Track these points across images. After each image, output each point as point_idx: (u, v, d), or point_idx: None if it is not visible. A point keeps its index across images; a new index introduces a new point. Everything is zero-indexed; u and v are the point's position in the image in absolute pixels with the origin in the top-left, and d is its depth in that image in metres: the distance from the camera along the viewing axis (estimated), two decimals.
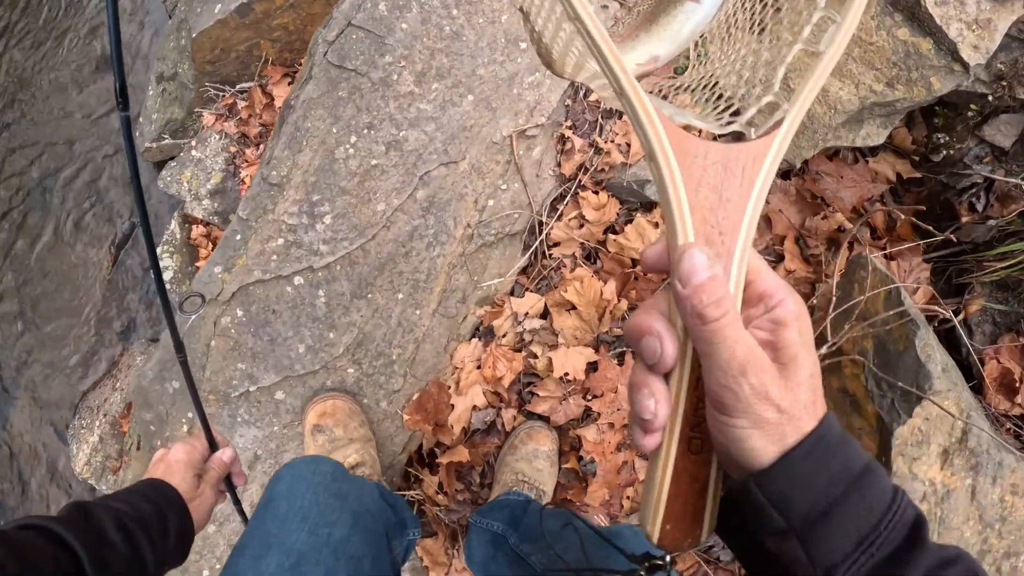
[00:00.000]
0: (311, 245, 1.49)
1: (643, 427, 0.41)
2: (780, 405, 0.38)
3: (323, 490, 0.95)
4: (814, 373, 0.40)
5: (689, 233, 0.41)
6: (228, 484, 0.91)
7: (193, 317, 1.47)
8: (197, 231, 2.12)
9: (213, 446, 0.91)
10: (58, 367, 2.08)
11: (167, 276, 2.05)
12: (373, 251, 1.50)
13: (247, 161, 2.04)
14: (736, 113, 0.49)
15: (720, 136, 0.47)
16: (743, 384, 0.37)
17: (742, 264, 0.41)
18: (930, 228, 1.50)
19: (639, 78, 0.53)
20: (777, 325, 0.39)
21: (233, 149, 2.09)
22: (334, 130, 1.47)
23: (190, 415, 1.52)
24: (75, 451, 1.93)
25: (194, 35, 1.90)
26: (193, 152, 2.04)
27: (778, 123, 0.44)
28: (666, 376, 0.42)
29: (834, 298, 1.42)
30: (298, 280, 1.49)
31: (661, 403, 0.41)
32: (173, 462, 0.82)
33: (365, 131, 1.48)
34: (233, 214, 1.70)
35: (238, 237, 1.47)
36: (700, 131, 0.51)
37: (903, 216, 1.55)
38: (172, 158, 2.06)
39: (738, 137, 0.45)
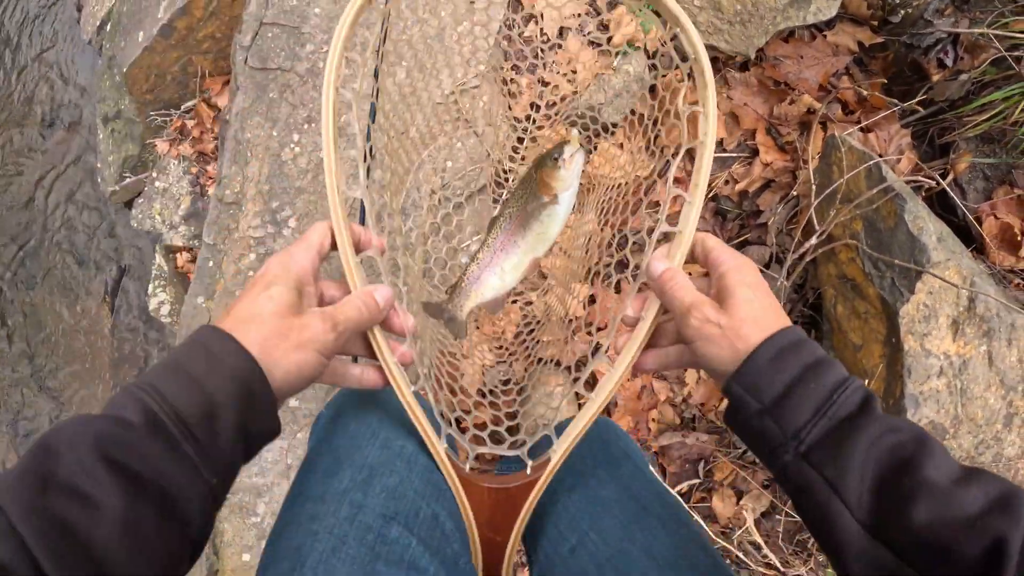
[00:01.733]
0: None
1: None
2: (720, 323, 0.54)
3: (390, 409, 0.85)
4: (753, 299, 0.55)
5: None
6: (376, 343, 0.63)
7: None
8: (182, 259, 2.08)
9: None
10: None
11: (164, 310, 2.01)
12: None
13: (211, 178, 1.97)
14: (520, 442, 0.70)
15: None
16: (690, 318, 0.56)
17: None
18: (902, 93, 1.39)
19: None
20: (719, 275, 0.58)
21: (195, 170, 2.02)
22: (274, 133, 1.39)
23: None
24: None
25: (125, 69, 1.81)
26: (157, 183, 1.97)
27: (546, 461, 0.65)
28: None
29: (814, 186, 1.33)
30: None
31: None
32: (261, 305, 0.54)
33: (305, 126, 1.40)
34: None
35: (210, 264, 1.42)
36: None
37: (867, 91, 1.43)
38: (139, 194, 1.99)
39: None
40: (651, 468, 0.85)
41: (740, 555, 1.39)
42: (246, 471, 1.49)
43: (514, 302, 1.56)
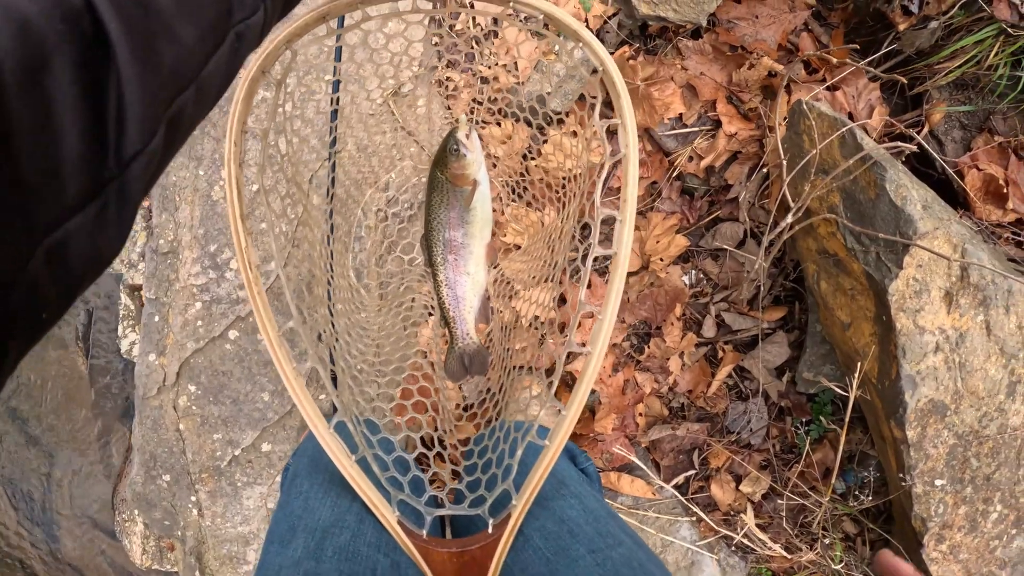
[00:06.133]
0: (230, 295, 1.26)
1: None
2: None
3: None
4: None
5: None
6: None
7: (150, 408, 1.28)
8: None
9: None
10: (80, 474, 1.93)
11: (135, 350, 1.84)
12: (294, 275, 1.27)
13: None
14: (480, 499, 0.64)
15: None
16: None
17: None
18: (866, 45, 1.21)
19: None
20: None
21: (147, 203, 1.81)
22: (201, 172, 1.20)
23: (193, 498, 1.35)
24: (128, 545, 1.82)
25: None
26: None
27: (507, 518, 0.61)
28: None
29: (784, 160, 1.17)
30: (233, 334, 1.27)
31: None
32: None
33: None
34: None
35: (156, 319, 1.25)
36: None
37: (831, 48, 1.25)
38: None
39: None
40: (589, 488, 0.79)
41: (745, 542, 1.28)
42: (230, 521, 1.35)
43: None
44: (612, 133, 0.65)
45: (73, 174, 0.28)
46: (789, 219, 1.13)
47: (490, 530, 0.61)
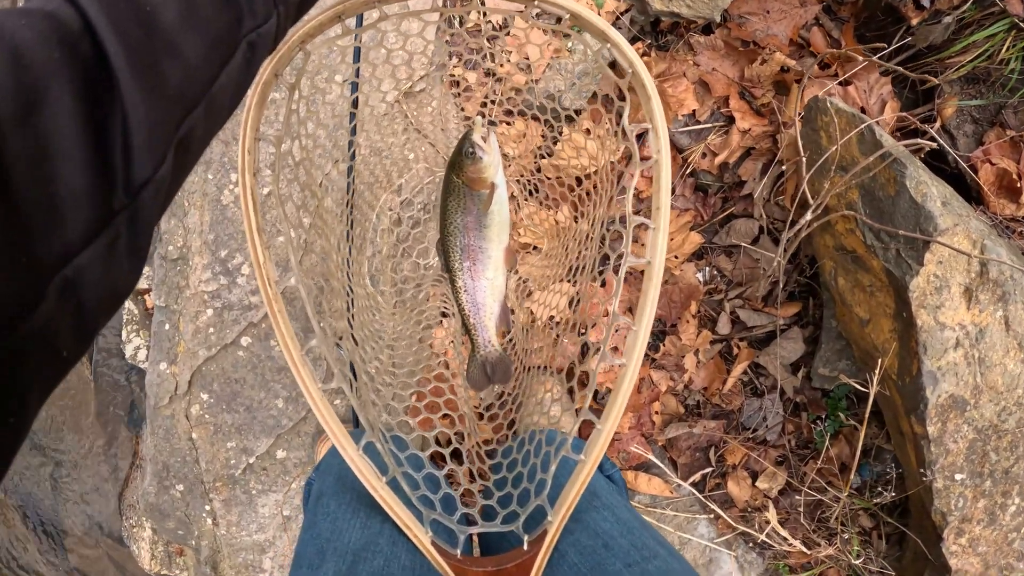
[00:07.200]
0: (241, 301, 1.23)
1: None
2: None
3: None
4: None
5: None
6: None
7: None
8: (151, 299, 1.85)
9: None
10: (88, 481, 1.89)
11: (140, 355, 1.80)
12: (313, 287, 1.24)
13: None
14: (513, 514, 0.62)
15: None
16: None
17: None
18: (876, 39, 1.20)
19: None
20: None
21: None
22: (210, 176, 1.16)
23: (207, 507, 1.33)
24: (136, 551, 1.78)
25: None
26: None
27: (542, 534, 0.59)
28: None
29: (804, 158, 1.15)
30: (245, 340, 1.25)
31: None
32: None
33: None
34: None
35: (167, 327, 1.21)
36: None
37: (844, 44, 1.24)
38: None
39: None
40: (620, 497, 0.77)
41: (764, 538, 1.28)
42: (245, 529, 1.32)
43: None
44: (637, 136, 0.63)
45: (77, 208, 0.26)
46: (808, 216, 1.12)
47: (525, 547, 0.59)
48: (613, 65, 0.64)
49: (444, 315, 1.25)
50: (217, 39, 0.34)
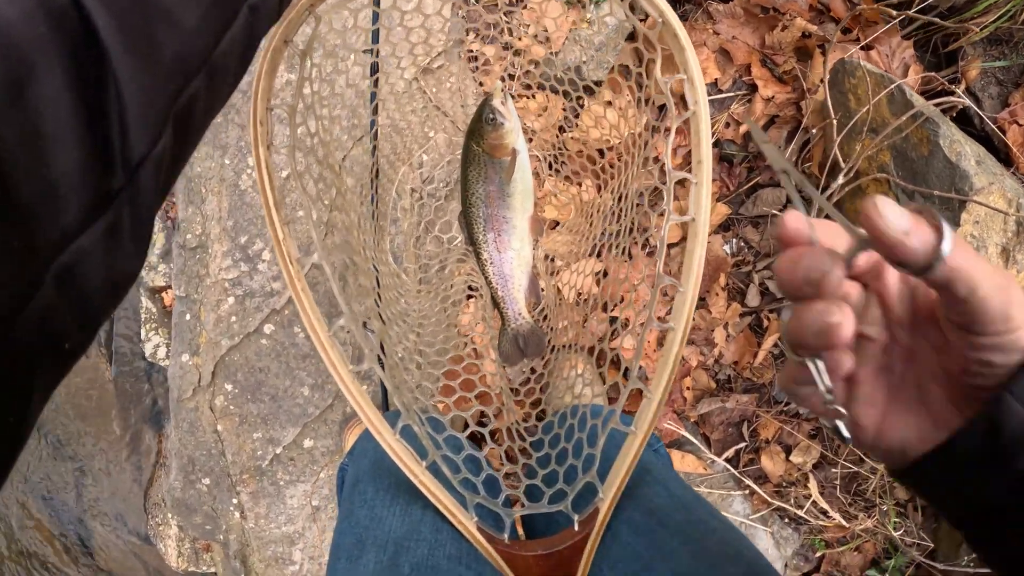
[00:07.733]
0: (263, 288, 1.21)
1: None
2: None
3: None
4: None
5: None
6: None
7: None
8: (168, 297, 1.84)
9: None
10: (113, 480, 1.87)
11: (160, 353, 1.78)
12: (339, 264, 1.22)
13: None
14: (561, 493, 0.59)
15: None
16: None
17: None
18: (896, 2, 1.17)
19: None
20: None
21: (168, 198, 1.75)
22: (226, 162, 1.14)
23: (235, 500, 1.30)
24: (163, 549, 1.77)
25: None
26: None
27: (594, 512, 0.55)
28: None
29: (835, 120, 1.13)
30: (268, 328, 1.22)
31: None
32: None
33: None
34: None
35: (188, 317, 1.19)
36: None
37: (863, 5, 1.21)
38: None
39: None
40: (671, 471, 0.74)
41: (801, 513, 1.25)
42: (274, 521, 1.30)
43: None
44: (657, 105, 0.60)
45: (74, 190, 0.24)
46: (840, 180, 1.10)
47: (576, 527, 0.55)
48: (632, 37, 0.61)
49: (471, 291, 1.23)
50: (215, 3, 0.32)
